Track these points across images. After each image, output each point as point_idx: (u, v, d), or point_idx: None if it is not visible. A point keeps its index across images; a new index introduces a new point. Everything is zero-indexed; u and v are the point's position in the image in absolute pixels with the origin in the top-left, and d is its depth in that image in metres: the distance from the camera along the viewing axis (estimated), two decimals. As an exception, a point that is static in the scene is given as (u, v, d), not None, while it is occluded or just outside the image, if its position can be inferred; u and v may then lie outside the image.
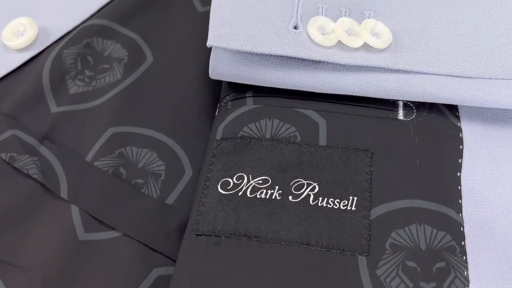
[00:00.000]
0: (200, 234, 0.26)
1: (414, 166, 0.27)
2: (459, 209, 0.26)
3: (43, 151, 0.32)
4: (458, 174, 0.27)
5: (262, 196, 0.26)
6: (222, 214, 0.26)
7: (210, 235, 0.26)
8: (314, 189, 0.27)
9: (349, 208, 0.26)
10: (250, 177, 0.27)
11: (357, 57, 0.28)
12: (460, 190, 0.27)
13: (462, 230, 0.26)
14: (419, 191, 0.27)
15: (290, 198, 0.26)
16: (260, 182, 0.27)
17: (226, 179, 0.27)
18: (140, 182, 0.31)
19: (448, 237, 0.25)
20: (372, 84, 0.28)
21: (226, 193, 0.27)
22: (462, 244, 0.25)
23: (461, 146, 0.28)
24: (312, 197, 0.26)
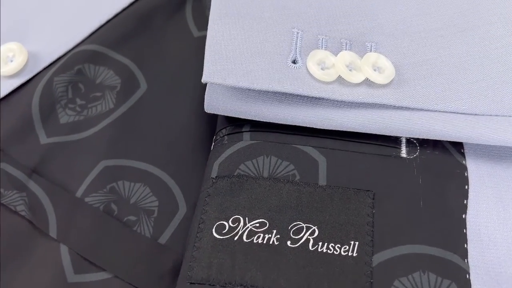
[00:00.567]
0: (193, 283, 0.24)
1: (418, 208, 0.26)
2: (465, 254, 0.25)
3: (32, 186, 0.30)
4: (464, 216, 0.26)
5: (259, 241, 0.25)
6: (217, 261, 0.25)
7: (204, 284, 0.24)
8: (313, 233, 0.25)
9: (350, 254, 0.25)
10: (247, 219, 0.26)
11: (358, 93, 0.27)
12: (465, 233, 0.26)
13: (468, 277, 0.25)
14: (423, 236, 0.25)
15: (288, 243, 0.25)
16: (257, 226, 0.26)
17: (222, 222, 0.26)
18: (132, 219, 0.30)
19: (453, 285, 0.24)
20: (374, 121, 0.27)
21: (221, 237, 0.25)
22: (468, 293, 0.24)
23: (466, 186, 0.27)
24: (311, 242, 0.25)
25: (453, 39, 0.29)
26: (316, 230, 0.25)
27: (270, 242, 0.25)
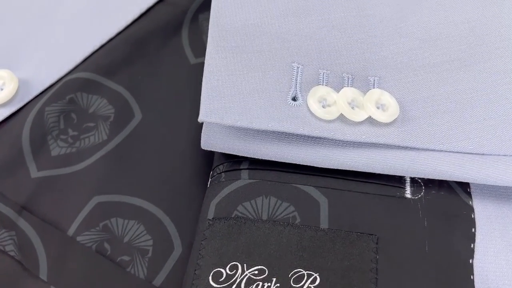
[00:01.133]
0: (189, 336, 0.23)
1: (423, 252, 0.25)
2: (473, 304, 0.24)
3: (22, 224, 0.29)
4: (471, 261, 0.25)
5: (258, 290, 0.24)
6: (214, 312, 0.24)
7: (201, 337, 0.23)
8: (315, 280, 0.24)
9: (353, 303, 0.24)
10: (245, 266, 0.25)
11: (361, 132, 0.26)
12: (473, 280, 0.25)
13: (476, 328, 0.24)
14: (429, 284, 0.24)
15: (288, 292, 0.24)
16: (255, 273, 0.25)
17: (219, 269, 0.25)
18: (125, 259, 0.28)
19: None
20: (377, 161, 0.26)
21: (219, 286, 0.24)
22: None
23: (473, 229, 0.26)
24: (312, 290, 0.24)
25: (459, 74, 0.28)
26: (317, 277, 0.24)
27: (270, 291, 0.24)
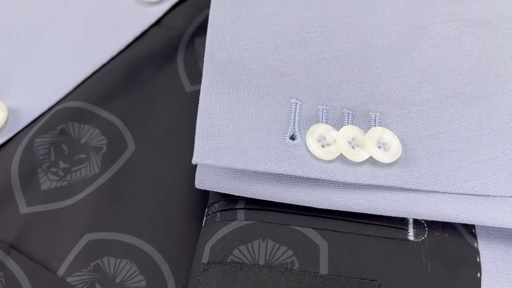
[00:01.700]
0: None
1: (427, 300, 0.24)
2: None
3: (10, 264, 0.28)
4: (476, 309, 0.24)
5: None
6: None
7: None
8: (314, 332, 0.23)
9: None
10: (241, 316, 0.24)
11: (362, 173, 0.25)
12: (478, 329, 0.24)
13: None
14: (433, 334, 0.23)
15: None
16: (252, 324, 0.24)
17: (214, 319, 0.24)
18: (118, 301, 0.27)
19: None
20: (379, 203, 0.25)
21: (214, 337, 0.23)
22: None
23: (478, 274, 0.25)
24: None
25: (464, 109, 0.27)
26: (316, 328, 0.23)
27: None
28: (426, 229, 0.26)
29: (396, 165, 0.25)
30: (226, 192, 0.26)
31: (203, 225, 0.28)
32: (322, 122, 0.26)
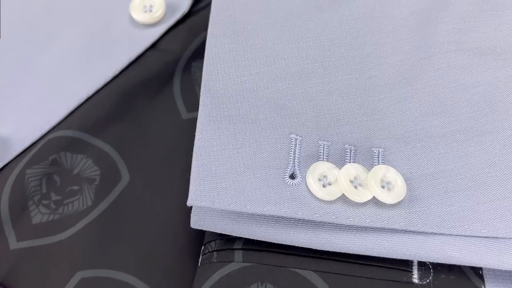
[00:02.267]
0: None
1: None
2: None
3: (-2, 305, 0.27)
4: None
5: None
6: None
7: None
8: None
9: None
10: None
11: (365, 215, 0.24)
12: None
13: None
14: None
15: None
16: None
17: None
18: None
19: None
20: (382, 246, 0.24)
21: None
22: None
23: (487, 320, 0.24)
24: None
25: (470, 145, 0.26)
26: None
27: None
28: (432, 271, 0.25)
29: (400, 205, 0.24)
30: (223, 232, 0.25)
31: (199, 264, 0.27)
32: (323, 159, 0.25)
